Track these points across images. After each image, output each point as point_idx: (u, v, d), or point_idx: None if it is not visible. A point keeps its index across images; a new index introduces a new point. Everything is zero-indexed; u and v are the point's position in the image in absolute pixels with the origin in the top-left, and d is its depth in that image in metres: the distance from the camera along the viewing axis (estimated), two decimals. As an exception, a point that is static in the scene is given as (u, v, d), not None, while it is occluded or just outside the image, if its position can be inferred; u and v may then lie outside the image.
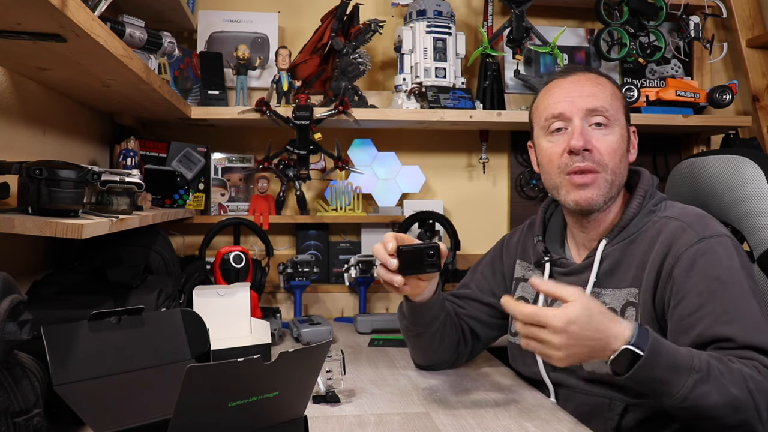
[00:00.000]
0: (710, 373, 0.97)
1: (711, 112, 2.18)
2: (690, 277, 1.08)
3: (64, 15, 0.86)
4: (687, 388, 0.97)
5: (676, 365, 0.97)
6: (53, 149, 1.47)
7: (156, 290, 1.35)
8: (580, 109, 1.19)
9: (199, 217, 2.01)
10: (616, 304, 1.17)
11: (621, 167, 1.20)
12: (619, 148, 1.19)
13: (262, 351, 1.35)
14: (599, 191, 1.18)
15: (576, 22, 2.27)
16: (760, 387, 0.98)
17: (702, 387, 0.96)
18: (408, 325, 1.33)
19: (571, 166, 1.18)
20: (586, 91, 1.21)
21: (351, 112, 1.92)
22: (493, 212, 2.24)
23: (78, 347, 0.96)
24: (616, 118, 1.20)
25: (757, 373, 0.99)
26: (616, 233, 1.20)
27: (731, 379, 0.97)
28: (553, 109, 1.22)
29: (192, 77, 2.01)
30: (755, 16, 2.22)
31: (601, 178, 1.18)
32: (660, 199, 1.23)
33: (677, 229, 1.13)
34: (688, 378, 0.97)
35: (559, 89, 1.24)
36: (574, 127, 1.19)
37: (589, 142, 1.17)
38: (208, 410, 0.76)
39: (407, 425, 1.07)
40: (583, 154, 1.17)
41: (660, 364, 0.97)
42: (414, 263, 1.14)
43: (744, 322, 1.03)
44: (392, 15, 2.16)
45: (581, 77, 1.23)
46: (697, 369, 0.97)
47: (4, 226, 0.97)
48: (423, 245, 1.15)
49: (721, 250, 1.09)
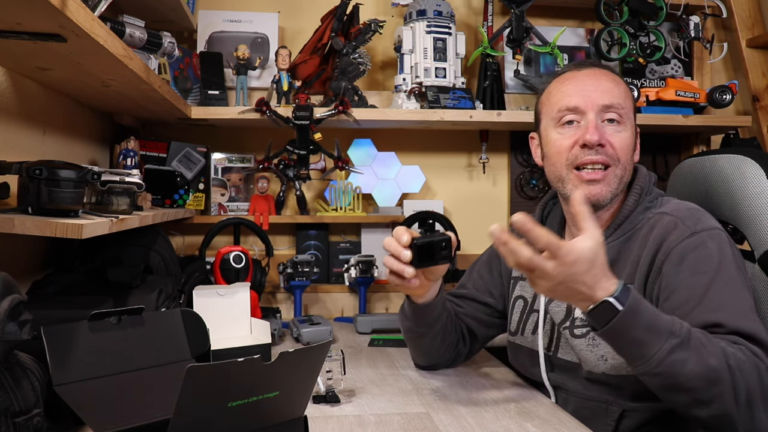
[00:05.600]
0: (690, 340, 0.95)
1: (711, 112, 2.18)
2: (680, 271, 1.07)
3: (64, 15, 0.86)
4: (663, 352, 0.93)
5: (654, 327, 0.94)
6: (53, 149, 1.47)
7: (156, 290, 1.35)
8: (595, 104, 1.18)
9: (199, 217, 2.01)
10: None
11: (630, 164, 1.21)
12: (630, 145, 1.20)
13: (262, 351, 1.35)
14: (608, 187, 1.18)
15: (576, 22, 2.27)
16: (741, 366, 0.94)
17: (679, 353, 0.93)
18: (411, 326, 1.33)
19: (582, 158, 1.18)
20: (603, 86, 1.20)
21: (351, 112, 1.92)
22: (493, 212, 2.24)
23: (78, 347, 0.96)
24: (629, 116, 1.21)
25: (741, 354, 0.96)
26: (613, 230, 1.20)
27: (711, 351, 0.94)
28: (567, 102, 1.21)
29: (192, 77, 2.01)
30: (755, 16, 2.22)
31: (612, 174, 1.18)
32: (656, 195, 1.23)
33: (669, 224, 1.12)
34: (666, 342, 0.94)
35: (574, 82, 1.22)
36: (589, 121, 1.18)
37: (603, 136, 1.17)
38: (208, 410, 0.76)
39: (407, 425, 1.07)
40: (596, 149, 1.17)
41: (638, 323, 0.94)
42: (427, 255, 1.14)
43: (732, 308, 1.02)
44: (392, 15, 2.17)
45: (597, 72, 1.23)
46: (677, 334, 0.94)
47: (4, 226, 0.97)
48: (436, 237, 1.15)
49: (712, 244, 1.08)
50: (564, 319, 1.22)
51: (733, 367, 0.94)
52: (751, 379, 0.95)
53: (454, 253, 1.15)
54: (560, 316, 1.23)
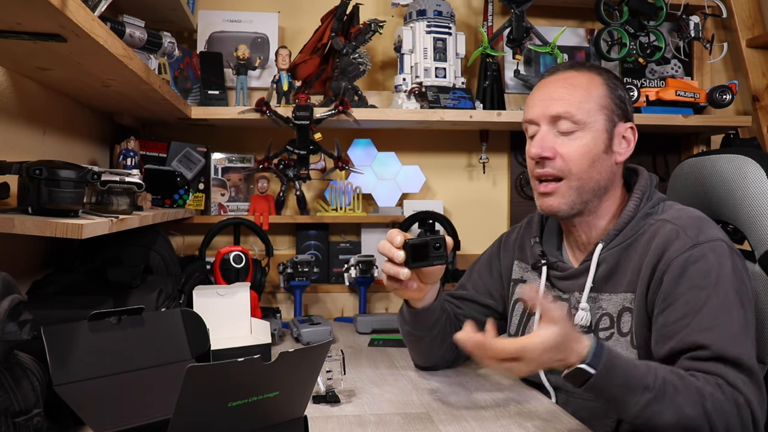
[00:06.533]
0: (665, 391, 0.97)
1: (711, 112, 2.18)
2: (679, 285, 1.07)
3: (64, 15, 0.86)
4: (639, 407, 0.96)
5: (629, 384, 0.97)
6: (53, 149, 1.47)
7: (156, 290, 1.35)
8: (545, 116, 1.18)
9: (199, 217, 2.01)
10: (612, 310, 1.16)
11: (592, 171, 1.17)
12: (587, 152, 1.16)
13: (262, 351, 1.35)
14: (562, 199, 1.17)
15: (576, 22, 2.27)
16: (718, 407, 0.96)
17: (654, 406, 0.96)
18: (409, 330, 1.32)
19: (536, 171, 1.19)
20: (556, 94, 1.18)
21: (351, 112, 1.92)
22: (493, 212, 2.24)
23: (78, 347, 0.96)
24: (588, 121, 1.16)
25: (719, 392, 0.97)
26: (612, 237, 1.18)
27: (687, 399, 0.96)
28: (528, 113, 1.22)
29: (192, 77, 2.01)
30: (755, 16, 2.22)
31: (564, 186, 1.16)
32: (658, 200, 1.21)
33: (671, 233, 1.11)
34: (641, 397, 0.96)
35: (537, 91, 1.23)
36: (538, 133, 1.19)
37: (551, 149, 1.16)
38: (208, 410, 0.76)
39: (407, 425, 1.07)
40: (543, 162, 1.16)
41: (612, 383, 0.97)
42: (421, 255, 1.14)
43: (722, 331, 1.02)
44: (392, 15, 2.17)
45: (558, 78, 1.21)
46: (651, 388, 0.96)
47: (4, 226, 0.97)
48: (429, 237, 1.15)
49: (712, 257, 1.07)
50: None
51: (710, 411, 0.96)
52: (730, 418, 0.97)
53: (453, 254, 1.15)
54: None
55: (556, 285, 1.25)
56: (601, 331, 1.16)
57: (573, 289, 1.21)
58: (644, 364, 1.01)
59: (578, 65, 1.25)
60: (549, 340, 0.94)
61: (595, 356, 0.96)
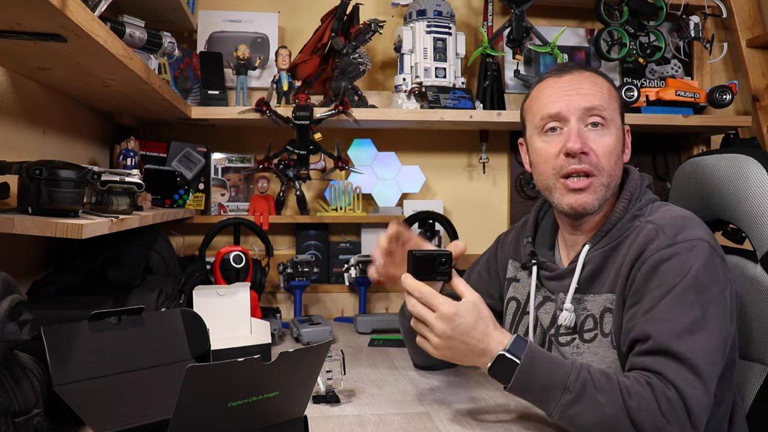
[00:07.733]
0: (585, 393, 0.97)
1: (711, 112, 2.18)
2: (648, 282, 1.05)
3: (64, 15, 0.86)
4: (560, 407, 0.98)
5: (549, 384, 0.98)
6: (53, 149, 1.47)
7: (156, 290, 1.35)
8: (576, 109, 1.16)
9: (199, 217, 2.01)
10: (596, 311, 1.15)
11: (616, 169, 1.17)
12: (615, 149, 1.16)
13: (262, 351, 1.35)
14: (595, 195, 1.16)
15: (576, 22, 2.27)
16: (644, 405, 0.95)
17: (575, 407, 0.97)
18: (410, 326, 1.32)
19: (567, 168, 1.15)
20: (584, 89, 1.17)
21: (351, 112, 1.92)
22: (493, 212, 2.24)
23: (78, 347, 0.96)
24: (613, 118, 1.17)
25: (648, 390, 0.96)
26: (599, 238, 1.17)
27: (608, 398, 0.96)
28: (549, 109, 1.18)
29: (192, 77, 2.01)
30: (755, 16, 2.22)
31: (597, 182, 1.15)
32: (647, 201, 1.19)
33: (651, 233, 1.10)
34: (561, 397, 0.97)
35: (555, 87, 1.20)
36: (571, 128, 1.15)
37: (586, 144, 1.14)
38: (208, 410, 0.76)
39: (407, 425, 1.07)
40: (579, 157, 1.14)
41: (534, 381, 0.99)
42: (425, 269, 1.11)
43: (670, 326, 1.00)
44: (392, 15, 2.17)
45: (578, 75, 1.20)
46: (571, 389, 0.97)
47: (4, 226, 0.97)
48: (436, 252, 1.13)
49: (686, 256, 1.05)
50: (550, 326, 1.21)
51: (633, 408, 0.95)
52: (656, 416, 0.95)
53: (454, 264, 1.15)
54: (547, 322, 1.22)
55: (545, 285, 1.25)
56: (585, 332, 1.16)
57: (559, 289, 1.21)
58: (568, 363, 1.01)
59: (585, 66, 1.26)
60: (464, 303, 1.02)
61: (517, 346, 1.00)
